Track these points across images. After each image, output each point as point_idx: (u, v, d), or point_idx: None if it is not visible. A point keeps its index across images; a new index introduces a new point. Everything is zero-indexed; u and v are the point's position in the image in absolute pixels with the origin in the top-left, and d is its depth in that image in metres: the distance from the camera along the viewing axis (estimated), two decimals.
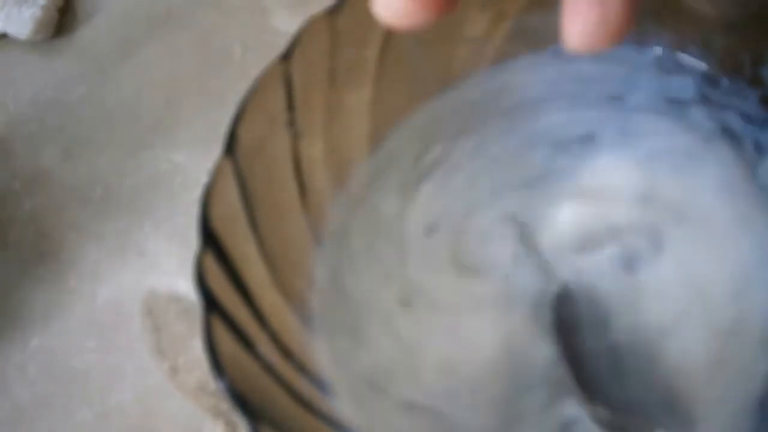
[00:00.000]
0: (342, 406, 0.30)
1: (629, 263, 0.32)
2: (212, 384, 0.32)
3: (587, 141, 0.35)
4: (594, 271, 0.32)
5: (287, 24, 0.42)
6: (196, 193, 0.29)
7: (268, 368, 0.28)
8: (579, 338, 0.30)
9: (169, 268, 0.37)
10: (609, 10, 0.18)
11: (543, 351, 0.31)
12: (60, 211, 0.40)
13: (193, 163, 0.40)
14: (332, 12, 0.32)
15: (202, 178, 0.29)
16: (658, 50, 0.34)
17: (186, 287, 0.36)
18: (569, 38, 0.19)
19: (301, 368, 0.30)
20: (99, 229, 0.39)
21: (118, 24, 0.44)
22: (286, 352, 0.30)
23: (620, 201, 0.33)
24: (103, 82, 0.43)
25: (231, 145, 0.30)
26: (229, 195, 0.29)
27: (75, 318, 0.37)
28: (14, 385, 0.36)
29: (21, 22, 0.43)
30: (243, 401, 0.26)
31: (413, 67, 0.35)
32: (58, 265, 0.38)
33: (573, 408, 0.29)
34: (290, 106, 0.31)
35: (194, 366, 0.35)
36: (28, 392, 0.35)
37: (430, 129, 0.35)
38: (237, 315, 0.28)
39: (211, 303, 0.27)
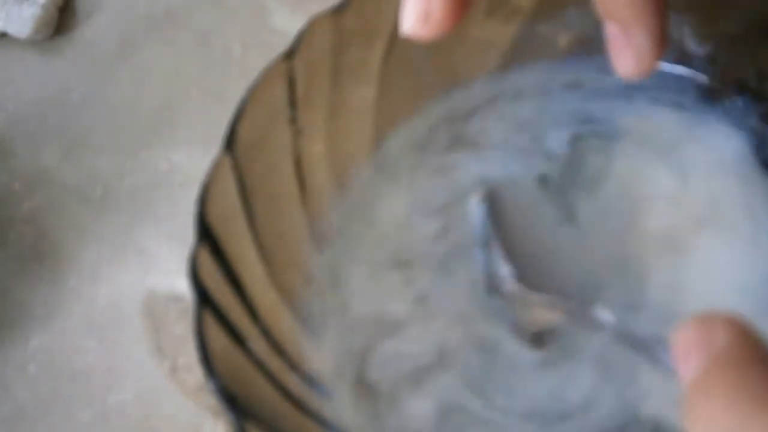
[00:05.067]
0: (333, 404, 0.30)
1: None
2: None
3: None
4: None
5: (287, 23, 0.42)
6: (195, 193, 0.29)
7: (259, 365, 0.28)
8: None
9: (169, 267, 0.37)
10: (639, 52, 0.25)
11: None
12: (60, 211, 0.39)
13: (192, 162, 0.40)
14: (337, 11, 0.32)
15: (202, 178, 0.29)
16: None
17: (186, 287, 0.36)
18: (618, 71, 0.25)
19: (293, 366, 0.30)
20: (99, 228, 0.39)
21: (118, 23, 0.44)
22: (279, 349, 0.30)
23: None
24: (103, 82, 0.43)
25: (231, 140, 0.30)
26: (227, 190, 0.29)
27: (75, 318, 0.37)
28: (14, 385, 0.36)
29: (21, 22, 0.43)
30: (231, 398, 0.26)
31: (417, 69, 0.35)
32: (57, 265, 0.38)
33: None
34: (292, 103, 0.31)
35: (194, 366, 0.35)
36: (28, 392, 0.35)
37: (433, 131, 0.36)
38: (230, 310, 0.28)
39: (203, 298, 0.27)
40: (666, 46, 0.25)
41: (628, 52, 0.25)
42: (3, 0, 0.43)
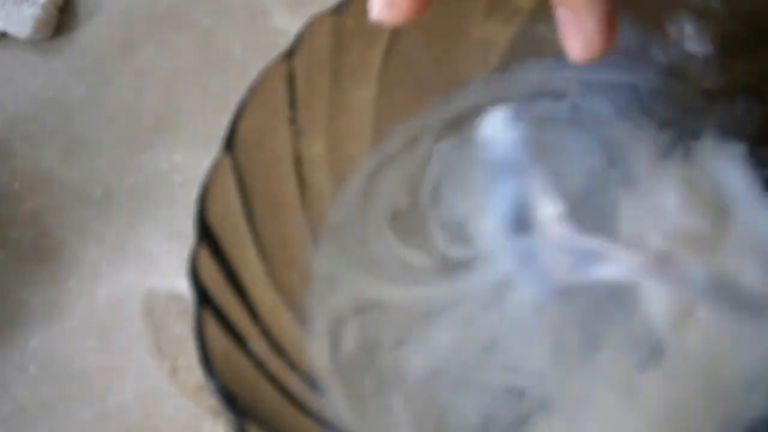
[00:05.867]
0: (333, 404, 0.30)
1: None
2: None
3: None
4: None
5: (287, 23, 0.42)
6: (195, 193, 0.29)
7: (260, 365, 0.28)
8: None
9: (169, 267, 0.37)
10: (588, 36, 0.25)
11: None
12: (60, 211, 0.40)
13: (192, 163, 0.40)
14: (337, 11, 0.32)
15: (202, 178, 0.29)
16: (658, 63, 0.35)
17: (186, 287, 0.36)
18: (570, 55, 0.26)
19: (293, 366, 0.30)
20: (99, 229, 0.39)
21: (118, 24, 0.44)
22: (279, 349, 0.30)
23: None
24: (103, 82, 0.43)
25: (231, 140, 0.30)
26: (227, 190, 0.29)
27: (75, 318, 0.37)
28: (14, 385, 0.36)
29: (21, 22, 0.43)
30: (231, 398, 0.26)
31: (417, 69, 0.35)
32: (58, 265, 0.38)
33: None
34: (292, 103, 0.31)
35: (194, 366, 0.34)
36: (28, 392, 0.35)
37: (433, 131, 0.36)
38: (230, 310, 0.28)
39: (203, 298, 0.27)
40: (615, 31, 0.25)
41: (577, 36, 0.25)
42: (3, 0, 0.43)
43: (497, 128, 0.28)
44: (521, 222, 0.26)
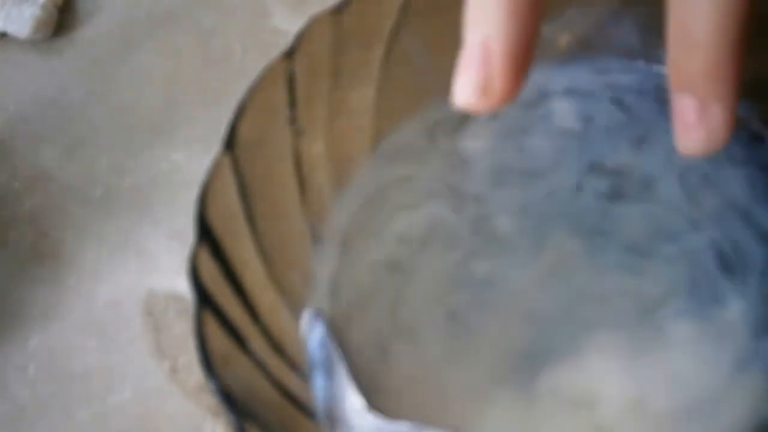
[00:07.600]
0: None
1: None
2: None
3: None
4: None
5: (288, 23, 0.42)
6: (195, 193, 0.29)
7: (260, 365, 0.28)
8: None
9: (169, 267, 0.37)
10: (714, 127, 0.21)
11: None
12: (60, 211, 0.39)
13: (193, 162, 0.40)
14: (337, 11, 0.32)
15: (202, 178, 0.29)
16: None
17: (186, 287, 0.36)
18: (684, 150, 0.21)
19: (293, 366, 0.30)
20: (99, 228, 0.39)
21: (118, 23, 0.44)
22: (279, 349, 0.30)
23: None
24: (103, 82, 0.43)
25: (230, 141, 0.30)
26: (228, 190, 0.29)
27: (75, 318, 0.37)
28: (14, 385, 0.36)
29: (21, 22, 0.43)
30: (231, 398, 0.26)
31: (418, 69, 0.35)
32: (57, 265, 0.38)
33: None
34: (292, 103, 0.31)
35: (194, 366, 0.35)
36: (27, 392, 0.35)
37: (433, 131, 0.36)
38: (230, 310, 0.28)
39: (203, 298, 0.27)
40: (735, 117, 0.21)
41: (700, 130, 0.21)
42: (3, 0, 0.43)
43: (305, 330, 0.31)
44: (330, 416, 0.29)
